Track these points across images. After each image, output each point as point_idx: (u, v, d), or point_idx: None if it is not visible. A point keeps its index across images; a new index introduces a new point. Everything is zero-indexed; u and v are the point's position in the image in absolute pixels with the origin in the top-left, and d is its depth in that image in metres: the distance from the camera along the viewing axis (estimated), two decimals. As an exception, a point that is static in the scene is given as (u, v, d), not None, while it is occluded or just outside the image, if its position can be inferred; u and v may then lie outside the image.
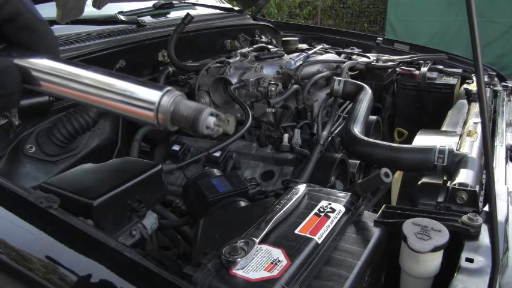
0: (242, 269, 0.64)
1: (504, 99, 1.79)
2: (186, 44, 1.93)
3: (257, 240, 0.68)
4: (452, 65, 2.36)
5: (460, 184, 0.97)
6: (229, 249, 0.65)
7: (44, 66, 0.59)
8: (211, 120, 0.51)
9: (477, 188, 0.95)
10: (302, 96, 1.72)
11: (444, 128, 1.54)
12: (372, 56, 2.36)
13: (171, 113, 0.52)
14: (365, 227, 0.82)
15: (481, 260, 0.73)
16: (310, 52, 2.10)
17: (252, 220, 0.75)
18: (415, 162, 1.15)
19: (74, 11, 1.35)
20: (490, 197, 0.70)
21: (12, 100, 0.61)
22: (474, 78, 2.01)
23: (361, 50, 2.53)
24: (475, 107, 1.60)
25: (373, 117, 1.86)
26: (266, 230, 0.71)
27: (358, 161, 1.65)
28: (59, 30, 1.50)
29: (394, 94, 2.34)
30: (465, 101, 1.78)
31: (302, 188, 0.86)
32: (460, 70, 2.27)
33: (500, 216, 0.87)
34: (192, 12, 2.11)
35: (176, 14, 2.17)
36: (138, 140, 1.53)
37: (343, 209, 0.81)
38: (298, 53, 1.93)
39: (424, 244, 0.72)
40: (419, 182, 1.13)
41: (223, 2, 2.69)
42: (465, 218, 0.81)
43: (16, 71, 0.60)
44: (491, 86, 1.89)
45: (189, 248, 1.15)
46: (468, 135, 1.30)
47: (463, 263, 0.73)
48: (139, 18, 1.86)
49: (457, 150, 1.19)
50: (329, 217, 0.78)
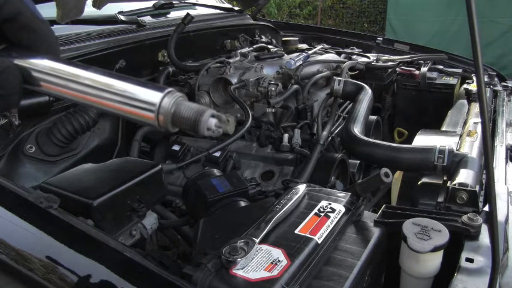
0: (242, 269, 0.64)
1: (504, 99, 1.79)
2: (186, 44, 1.92)
3: (257, 240, 0.68)
4: (452, 65, 2.36)
5: (460, 184, 0.97)
6: (229, 249, 0.65)
7: (44, 66, 0.59)
8: (212, 121, 0.51)
9: (477, 188, 0.95)
10: (302, 96, 1.72)
11: (444, 128, 1.54)
12: (372, 56, 2.36)
13: (172, 115, 0.52)
14: (365, 227, 0.82)
15: (481, 260, 0.73)
16: (310, 52, 2.10)
17: (252, 220, 0.75)
18: (415, 162, 1.15)
19: (74, 11, 1.34)
20: (490, 197, 0.70)
21: (12, 100, 0.61)
22: (474, 78, 2.01)
23: (361, 50, 2.53)
24: (475, 107, 1.60)
25: (373, 117, 1.86)
26: (266, 230, 0.71)
27: (358, 161, 1.65)
28: (59, 30, 1.49)
29: (394, 94, 2.33)
30: (465, 101, 1.78)
31: (302, 188, 0.86)
32: (460, 70, 2.27)
33: (500, 216, 0.87)
34: (192, 12, 2.11)
35: (176, 14, 2.17)
36: (138, 140, 1.53)
37: (343, 209, 0.81)
38: (298, 53, 1.93)
39: (424, 244, 0.72)
40: (419, 182, 1.13)
41: (223, 2, 2.69)
42: (465, 218, 0.81)
43: (16, 72, 0.60)
44: (491, 86, 1.89)
45: (189, 248, 1.14)
46: (468, 135, 1.30)
47: (463, 263, 0.73)
48: (139, 18, 1.86)
49: (457, 150, 1.19)
50: (329, 217, 0.78)
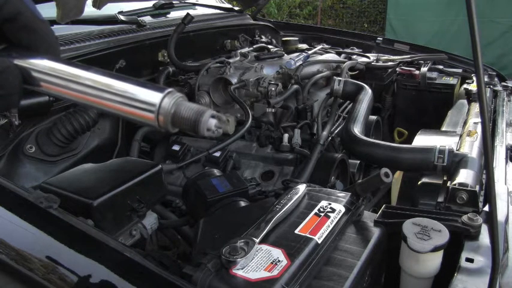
0: (242, 269, 0.64)
1: (504, 99, 1.79)
2: (186, 44, 1.92)
3: (257, 240, 0.68)
4: (452, 65, 2.35)
5: (460, 184, 0.97)
6: (229, 249, 0.65)
7: (44, 66, 0.59)
8: (212, 122, 0.51)
9: (477, 188, 0.95)
10: (302, 96, 1.72)
11: (444, 128, 1.54)
12: (372, 56, 2.36)
13: (172, 115, 0.52)
14: (365, 227, 0.82)
15: (481, 260, 0.73)
16: (310, 52, 2.10)
17: (252, 220, 0.75)
18: (415, 162, 1.15)
19: (74, 11, 1.34)
20: (490, 197, 0.70)
21: (12, 100, 0.61)
22: (474, 78, 2.01)
23: (361, 50, 2.53)
24: (475, 107, 1.60)
25: (373, 117, 1.86)
26: (266, 230, 0.71)
27: (358, 161, 1.65)
28: (59, 30, 1.49)
29: (394, 94, 2.33)
30: (465, 101, 1.78)
31: (302, 188, 0.86)
32: (460, 70, 2.27)
33: (500, 216, 0.87)
34: (192, 12, 2.11)
35: (176, 14, 2.17)
36: (138, 140, 1.53)
37: (343, 209, 0.81)
38: (298, 53, 1.93)
39: (424, 244, 0.72)
40: (419, 182, 1.13)
41: (223, 2, 2.69)
42: (465, 218, 0.81)
43: (16, 72, 0.60)
44: (491, 86, 1.89)
45: (189, 248, 1.14)
46: (468, 135, 1.30)
47: (463, 263, 0.73)
48: (139, 18, 1.86)
49: (457, 150, 1.19)
50: (329, 217, 0.78)
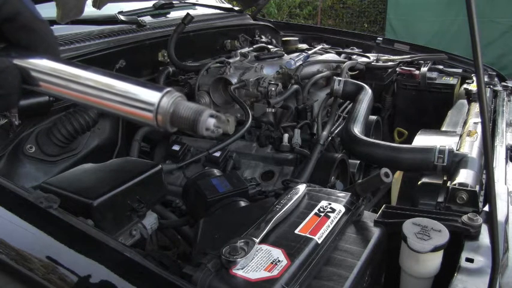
0: (242, 269, 0.64)
1: (504, 99, 1.79)
2: (186, 44, 1.92)
3: (257, 240, 0.68)
4: (452, 65, 2.35)
5: (460, 184, 0.97)
6: (229, 249, 0.65)
7: (43, 66, 0.59)
8: (211, 121, 0.51)
9: (477, 188, 0.95)
10: (302, 96, 1.72)
11: (444, 128, 1.54)
12: (372, 56, 2.36)
13: (171, 115, 0.52)
14: (365, 227, 0.82)
15: (481, 260, 0.73)
16: (310, 52, 2.10)
17: (252, 220, 0.75)
18: (415, 162, 1.15)
19: (74, 11, 1.34)
20: (490, 197, 0.70)
21: (11, 100, 0.61)
22: (474, 78, 2.01)
23: (361, 50, 2.53)
24: (475, 107, 1.60)
25: (373, 117, 1.86)
26: (266, 230, 0.71)
27: (358, 161, 1.65)
28: (59, 30, 1.49)
29: (394, 94, 2.33)
30: (465, 101, 1.78)
31: (302, 188, 0.86)
32: (460, 70, 2.27)
33: (500, 216, 0.86)
34: (192, 12, 2.11)
35: (176, 14, 2.17)
36: (138, 140, 1.53)
37: (343, 209, 0.81)
38: (298, 53, 1.93)
39: (424, 244, 0.72)
40: (419, 182, 1.13)
41: (223, 2, 2.69)
42: (465, 218, 0.81)
43: (15, 71, 0.60)
44: (491, 86, 1.89)
45: (189, 248, 1.14)
46: (468, 135, 1.30)
47: (463, 263, 0.73)
48: (139, 18, 1.86)
49: (457, 150, 1.19)
50: (329, 217, 0.78)
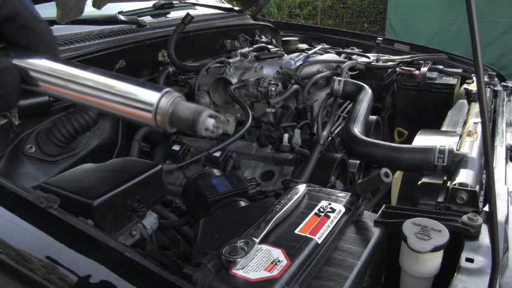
0: (242, 269, 0.64)
1: (504, 99, 1.79)
2: (186, 44, 1.92)
3: (257, 240, 0.68)
4: (452, 65, 2.35)
5: (460, 184, 0.97)
6: (229, 249, 0.65)
7: (43, 66, 0.59)
8: (210, 122, 0.51)
9: (477, 188, 0.95)
10: (302, 96, 1.72)
11: (444, 128, 1.54)
12: (372, 56, 2.36)
13: (170, 115, 0.51)
14: (365, 227, 0.82)
15: (481, 260, 0.73)
16: (310, 52, 2.10)
17: (252, 220, 0.75)
18: (415, 162, 1.15)
19: (74, 11, 1.34)
20: (490, 197, 0.70)
21: (10, 100, 0.61)
22: (474, 78, 2.01)
23: (361, 50, 2.53)
24: (475, 107, 1.60)
25: (373, 117, 1.86)
26: (266, 230, 0.71)
27: (358, 161, 1.65)
28: (59, 30, 1.49)
29: (394, 94, 2.33)
30: (465, 101, 1.78)
31: (302, 188, 0.86)
32: (460, 70, 2.27)
33: (500, 216, 0.86)
34: (192, 12, 2.11)
35: (176, 14, 2.17)
36: (138, 140, 1.53)
37: (343, 209, 0.81)
38: (298, 53, 1.93)
39: (424, 244, 0.72)
40: (419, 182, 1.13)
41: (223, 2, 2.69)
42: (465, 218, 0.81)
43: (14, 72, 0.59)
44: (491, 86, 1.89)
45: (189, 248, 1.14)
46: (468, 135, 1.30)
47: (463, 263, 0.73)
48: (139, 18, 1.86)
49: (457, 150, 1.19)
50: (329, 217, 0.78)
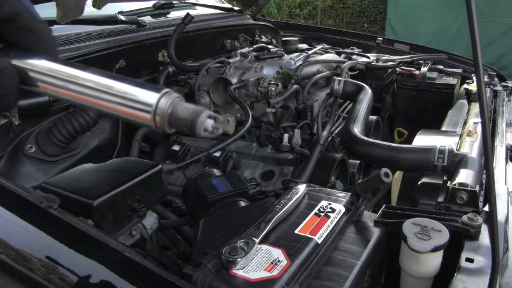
0: (242, 269, 0.64)
1: (504, 99, 1.79)
2: (186, 44, 1.92)
3: (257, 240, 0.68)
4: (452, 65, 2.35)
5: (460, 184, 0.97)
6: (229, 249, 0.65)
7: (42, 67, 0.59)
8: (209, 122, 0.51)
9: (477, 188, 0.95)
10: (302, 96, 1.72)
11: (444, 128, 1.54)
12: (372, 56, 2.36)
13: (169, 116, 0.52)
14: (365, 227, 0.82)
15: (481, 260, 0.73)
16: (310, 52, 2.10)
17: (252, 220, 0.75)
18: (415, 162, 1.15)
19: (74, 11, 1.35)
20: (490, 197, 0.70)
21: (9, 101, 0.61)
22: (474, 78, 2.01)
23: (361, 50, 2.53)
24: (475, 107, 1.60)
25: (373, 117, 1.85)
26: (266, 230, 0.71)
27: (358, 161, 1.65)
28: (59, 30, 1.49)
29: (394, 94, 2.33)
30: (465, 101, 1.78)
31: (302, 188, 0.86)
32: (460, 70, 2.27)
33: (500, 216, 0.86)
34: (192, 12, 2.11)
35: (176, 14, 2.17)
36: (138, 140, 1.53)
37: (343, 209, 0.81)
38: (298, 53, 1.93)
39: (424, 244, 0.72)
40: (419, 182, 1.13)
41: (223, 2, 2.69)
42: (465, 218, 0.81)
43: (14, 72, 0.59)
44: (491, 86, 1.89)
45: (189, 248, 1.14)
46: (468, 135, 1.30)
47: (463, 263, 0.73)
48: (139, 18, 1.86)
49: (457, 150, 1.19)
50: (329, 217, 0.78)
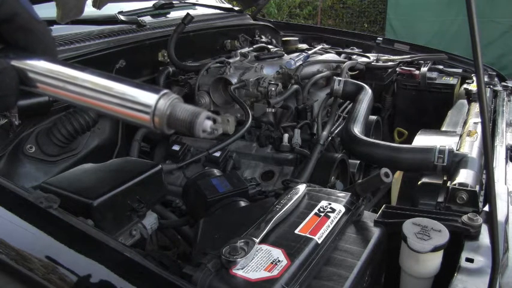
0: (242, 269, 0.64)
1: (504, 99, 1.79)
2: (186, 44, 1.92)
3: (257, 240, 0.68)
4: (452, 65, 2.35)
5: (460, 184, 0.97)
6: (229, 249, 0.65)
7: (41, 68, 0.59)
8: (207, 123, 0.51)
9: (477, 188, 0.95)
10: (302, 96, 1.72)
11: (444, 128, 1.54)
12: (372, 56, 2.36)
13: (168, 117, 0.52)
14: (365, 227, 0.82)
15: (481, 260, 0.73)
16: (310, 52, 2.10)
17: (252, 220, 0.75)
18: (415, 162, 1.15)
19: (74, 11, 1.34)
20: (490, 197, 0.70)
21: (9, 101, 0.61)
22: (474, 78, 2.01)
23: (361, 50, 2.53)
24: (475, 107, 1.60)
25: (373, 117, 1.86)
26: (266, 230, 0.71)
27: (358, 161, 1.65)
28: (59, 30, 1.49)
29: (394, 94, 2.33)
30: (465, 101, 1.78)
31: (302, 188, 0.86)
32: (460, 70, 2.27)
33: (500, 216, 0.86)
34: (192, 12, 2.11)
35: (176, 14, 2.17)
36: (138, 140, 1.53)
37: (343, 209, 0.81)
38: (298, 53, 1.93)
39: (424, 244, 0.72)
40: (419, 182, 1.13)
41: (223, 2, 2.69)
42: (465, 218, 0.81)
43: (13, 73, 0.59)
44: (491, 86, 1.89)
45: (189, 248, 1.15)
46: (468, 135, 1.30)
47: (463, 263, 0.73)
48: (139, 18, 1.86)
49: (457, 150, 1.19)
50: (329, 217, 0.78)
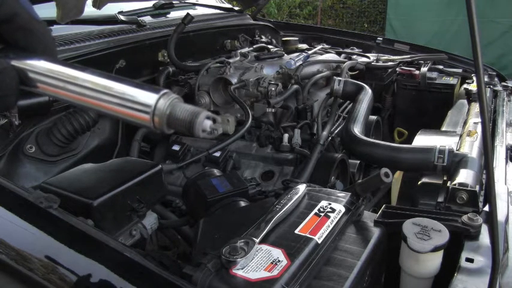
0: (242, 269, 0.64)
1: (504, 99, 1.79)
2: (186, 44, 1.92)
3: (257, 240, 0.68)
4: (452, 65, 2.35)
5: (460, 184, 0.97)
6: (229, 249, 0.65)
7: (41, 68, 0.59)
8: (207, 123, 0.51)
9: (477, 188, 0.95)
10: (302, 96, 1.72)
11: (444, 128, 1.54)
12: (372, 56, 2.36)
13: (167, 116, 0.52)
14: (365, 227, 0.82)
15: (481, 260, 0.73)
16: (310, 52, 2.10)
17: (252, 220, 0.75)
18: (415, 162, 1.15)
19: (74, 11, 1.35)
20: (490, 197, 0.70)
21: (9, 101, 0.61)
22: (474, 78, 2.01)
23: (361, 50, 2.53)
24: (475, 107, 1.60)
25: (373, 117, 1.86)
26: (266, 230, 0.71)
27: (358, 161, 1.65)
28: (59, 30, 1.49)
29: (394, 94, 2.33)
30: (465, 101, 1.78)
31: (302, 188, 0.86)
32: (460, 70, 2.27)
33: (500, 216, 0.86)
34: (192, 12, 2.11)
35: (176, 14, 2.17)
36: (138, 140, 1.53)
37: (343, 209, 0.81)
38: (298, 53, 1.93)
39: (424, 244, 0.72)
40: (419, 182, 1.13)
41: (223, 2, 2.69)
42: (465, 218, 0.81)
43: (13, 73, 0.60)
44: (491, 86, 1.89)
45: (189, 248, 1.15)
46: (468, 135, 1.30)
47: (463, 263, 0.73)
48: (139, 18, 1.86)
49: (457, 150, 1.19)
50: (329, 217, 0.78)
